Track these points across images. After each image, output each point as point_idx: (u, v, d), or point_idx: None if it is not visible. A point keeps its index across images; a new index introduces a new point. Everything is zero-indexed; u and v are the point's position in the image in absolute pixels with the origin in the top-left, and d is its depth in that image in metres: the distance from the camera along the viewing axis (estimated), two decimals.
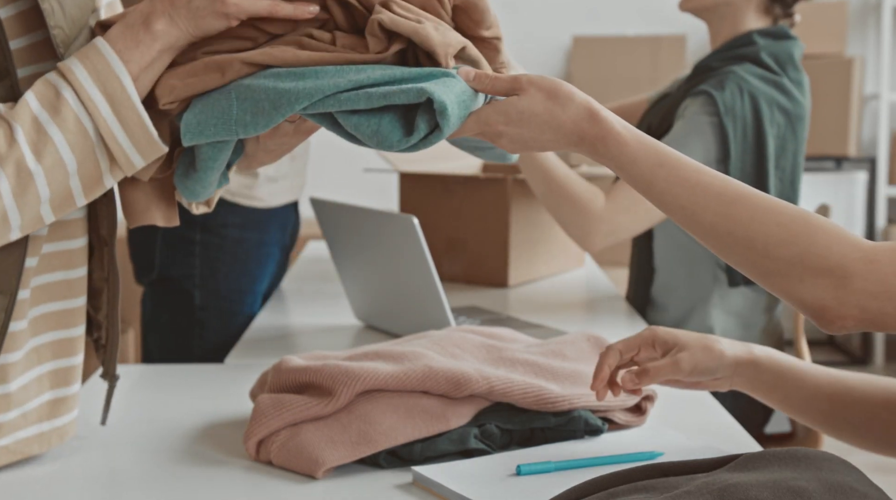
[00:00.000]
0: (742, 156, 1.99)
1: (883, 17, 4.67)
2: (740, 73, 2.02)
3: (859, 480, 0.86)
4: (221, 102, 1.07)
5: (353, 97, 1.04)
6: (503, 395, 1.22)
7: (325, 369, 1.21)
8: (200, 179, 1.13)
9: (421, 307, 1.73)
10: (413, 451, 1.18)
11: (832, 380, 1.17)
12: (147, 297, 2.13)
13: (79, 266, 1.18)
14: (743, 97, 1.99)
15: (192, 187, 1.13)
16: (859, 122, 4.70)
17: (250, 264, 2.12)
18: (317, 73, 1.06)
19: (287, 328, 1.99)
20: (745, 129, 1.99)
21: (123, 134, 1.04)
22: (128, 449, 1.25)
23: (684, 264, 2.11)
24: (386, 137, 1.04)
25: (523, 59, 4.87)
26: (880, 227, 4.66)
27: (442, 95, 1.01)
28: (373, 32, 1.07)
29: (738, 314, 2.10)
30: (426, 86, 1.02)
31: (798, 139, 2.07)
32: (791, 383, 1.16)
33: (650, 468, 0.92)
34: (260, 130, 1.06)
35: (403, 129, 1.05)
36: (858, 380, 1.18)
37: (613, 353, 1.19)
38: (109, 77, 1.03)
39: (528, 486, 1.10)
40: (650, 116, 2.19)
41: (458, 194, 2.36)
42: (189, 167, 1.13)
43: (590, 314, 2.09)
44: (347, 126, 1.06)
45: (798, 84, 2.08)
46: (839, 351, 4.86)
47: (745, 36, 2.09)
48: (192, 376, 1.59)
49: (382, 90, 1.03)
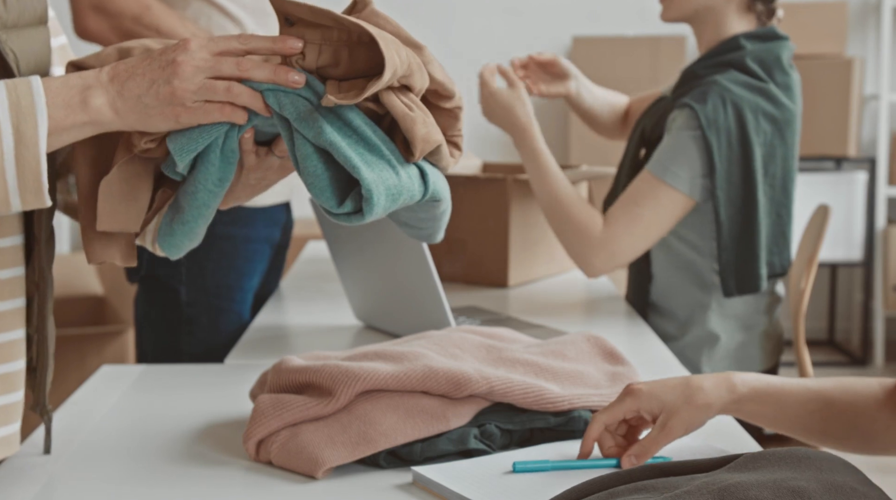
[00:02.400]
0: (728, 167, 1.99)
1: (883, 18, 4.67)
2: (723, 84, 2.01)
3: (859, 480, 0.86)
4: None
5: (322, 125, 1.04)
6: (503, 395, 1.22)
7: (325, 369, 1.21)
8: (190, 230, 1.11)
9: (421, 308, 1.73)
10: (413, 451, 1.18)
11: (812, 395, 1.17)
12: (138, 296, 2.13)
13: (10, 266, 1.12)
14: (726, 108, 1.99)
15: (179, 242, 1.12)
16: (859, 122, 4.70)
17: (237, 260, 2.11)
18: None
19: (287, 328, 1.99)
20: (729, 140, 1.98)
21: (14, 174, 1.00)
22: (128, 449, 1.25)
23: (681, 270, 2.11)
24: (320, 189, 1.05)
25: None
26: (880, 227, 4.67)
27: (372, 185, 1.03)
28: (366, 96, 1.06)
29: (737, 317, 2.10)
30: (365, 173, 1.03)
31: (788, 144, 2.06)
32: (774, 408, 1.17)
33: (650, 469, 0.92)
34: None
35: (338, 195, 1.06)
36: (839, 391, 1.17)
37: (598, 425, 1.16)
38: (28, 116, 1.00)
39: (528, 487, 1.10)
40: (646, 119, 2.19)
41: (457, 194, 2.36)
42: (175, 222, 1.11)
43: (590, 315, 2.09)
44: (299, 152, 1.05)
45: (786, 88, 2.07)
46: (839, 351, 4.86)
47: (731, 40, 2.08)
48: (191, 376, 1.59)
49: (338, 142, 1.03)
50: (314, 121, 1.04)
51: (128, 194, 1.09)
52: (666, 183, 1.99)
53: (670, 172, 1.99)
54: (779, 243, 2.08)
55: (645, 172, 2.02)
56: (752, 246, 2.02)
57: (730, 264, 2.02)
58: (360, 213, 1.05)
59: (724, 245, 2.01)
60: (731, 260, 2.02)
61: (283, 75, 1.04)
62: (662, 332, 2.12)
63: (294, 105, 1.05)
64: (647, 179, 2.01)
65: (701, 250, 2.08)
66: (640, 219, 2.00)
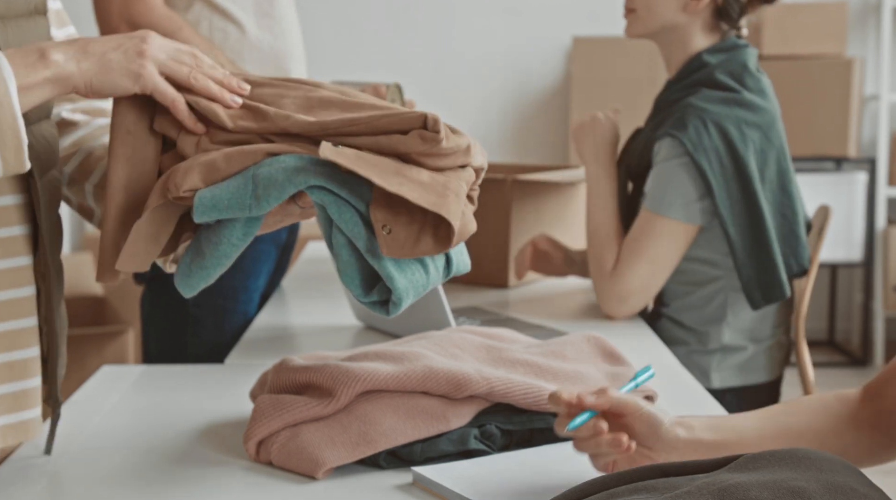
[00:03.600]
0: (726, 185, 1.98)
1: (883, 18, 4.67)
2: (699, 105, 2.00)
3: (859, 481, 0.86)
4: (238, 180, 1.06)
5: (361, 231, 1.06)
6: (503, 396, 1.22)
7: (326, 369, 1.21)
8: (207, 275, 1.11)
9: (421, 308, 1.73)
10: (413, 451, 1.18)
11: (771, 423, 1.13)
12: (145, 297, 2.13)
13: (17, 255, 1.13)
14: (708, 129, 1.98)
15: (196, 284, 1.11)
16: (859, 123, 4.70)
17: (244, 260, 2.11)
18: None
19: (287, 328, 1.99)
20: (720, 159, 1.98)
21: None
22: (128, 449, 1.25)
23: (696, 286, 2.10)
24: (350, 277, 1.08)
25: (524, 60, 4.87)
26: (880, 228, 4.67)
27: (403, 293, 1.06)
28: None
29: (751, 331, 2.09)
30: (398, 281, 1.05)
31: (776, 144, 2.05)
32: (732, 433, 1.12)
33: (650, 469, 0.92)
34: (272, 202, 1.05)
35: (367, 284, 1.08)
36: (790, 414, 1.14)
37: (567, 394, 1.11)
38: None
39: (529, 487, 1.10)
40: (627, 156, 2.18)
41: None
42: (194, 265, 1.11)
43: (590, 315, 2.09)
44: (334, 239, 1.07)
45: (759, 92, 2.06)
46: (839, 352, 4.86)
47: (694, 59, 2.07)
48: (192, 376, 1.59)
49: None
50: (354, 224, 1.06)
51: (151, 236, 1.10)
52: (662, 215, 1.99)
53: (664, 204, 1.99)
54: (791, 244, 2.07)
55: (643, 211, 2.03)
56: (768, 255, 2.00)
57: (752, 279, 2.00)
58: (386, 307, 1.08)
59: (742, 262, 2.00)
60: (752, 274, 2.00)
61: (226, 97, 1.11)
62: (672, 337, 2.11)
63: (337, 206, 1.06)
64: (645, 217, 2.02)
65: (717, 264, 2.07)
66: (643, 258, 2.00)
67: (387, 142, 1.06)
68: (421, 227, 1.05)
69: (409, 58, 4.87)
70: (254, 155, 1.07)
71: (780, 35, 4.52)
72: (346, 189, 1.06)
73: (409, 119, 1.06)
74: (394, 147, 1.06)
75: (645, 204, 2.02)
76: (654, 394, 1.34)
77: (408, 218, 1.05)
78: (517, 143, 4.88)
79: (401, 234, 1.04)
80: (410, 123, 1.06)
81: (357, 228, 1.06)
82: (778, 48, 4.51)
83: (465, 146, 1.08)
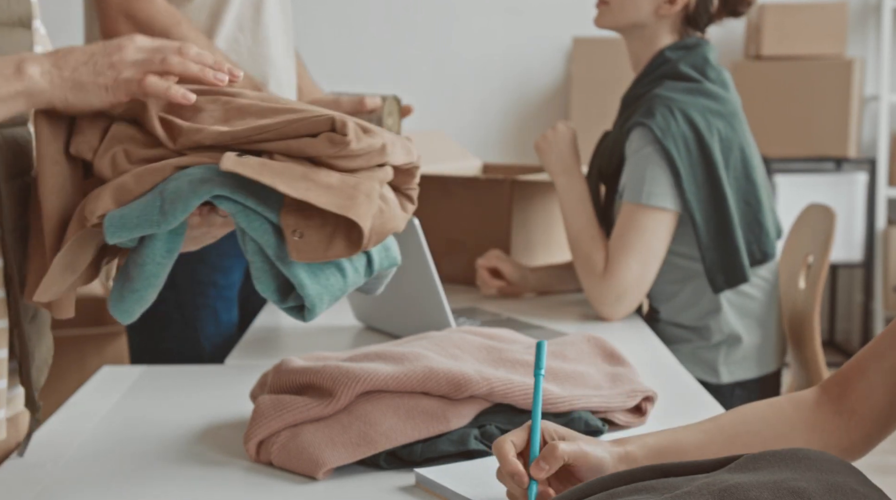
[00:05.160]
0: (692, 171, 2.01)
1: (883, 19, 4.67)
2: (665, 94, 2.04)
3: (859, 481, 0.86)
4: (148, 197, 1.06)
5: (272, 240, 1.06)
6: (503, 396, 1.22)
7: (326, 370, 1.21)
8: (140, 298, 1.11)
9: (421, 308, 1.73)
10: (413, 452, 1.18)
11: (719, 437, 1.07)
12: None
13: None
14: (675, 116, 2.01)
15: (130, 308, 1.11)
16: (859, 123, 4.70)
17: (209, 254, 2.00)
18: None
19: (287, 329, 1.99)
20: (687, 145, 2.00)
21: None
22: (128, 450, 1.25)
23: (682, 283, 2.11)
24: (265, 284, 1.08)
25: (524, 60, 4.87)
26: (880, 228, 4.67)
27: (316, 299, 1.07)
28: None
29: (755, 316, 2.10)
30: (309, 288, 1.06)
31: (738, 133, 2.08)
32: (676, 459, 1.09)
33: (650, 469, 0.92)
34: (179, 216, 1.05)
35: (282, 291, 1.09)
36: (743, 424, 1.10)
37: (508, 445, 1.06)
38: None
39: None
40: (597, 158, 2.20)
41: (458, 195, 2.36)
42: (125, 290, 1.11)
43: (590, 316, 2.09)
44: (248, 246, 1.07)
45: (721, 83, 2.11)
46: (839, 352, 4.86)
47: (658, 56, 2.11)
48: (192, 376, 1.59)
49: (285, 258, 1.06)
50: (263, 232, 1.06)
51: (66, 265, 1.09)
52: (644, 205, 2.00)
53: (644, 194, 2.00)
54: (754, 231, 2.09)
55: (624, 206, 2.04)
56: (731, 239, 2.03)
57: (714, 263, 2.03)
58: (300, 315, 1.09)
59: (706, 245, 2.03)
60: (715, 258, 2.03)
61: (207, 74, 1.10)
62: (673, 337, 2.12)
63: (245, 214, 1.06)
64: (627, 211, 2.02)
65: (695, 257, 2.08)
66: (632, 251, 2.01)
67: (297, 146, 1.06)
68: (333, 230, 1.06)
69: (409, 58, 4.87)
70: (163, 171, 1.07)
71: (780, 35, 4.52)
72: (255, 197, 1.06)
73: (318, 122, 1.06)
74: (303, 151, 1.06)
75: (625, 198, 2.04)
76: (654, 394, 1.34)
77: (320, 221, 1.05)
78: (517, 143, 4.88)
79: (313, 237, 1.05)
80: (319, 127, 1.06)
81: (266, 236, 1.06)
82: (778, 48, 4.51)
83: (380, 146, 1.08)
